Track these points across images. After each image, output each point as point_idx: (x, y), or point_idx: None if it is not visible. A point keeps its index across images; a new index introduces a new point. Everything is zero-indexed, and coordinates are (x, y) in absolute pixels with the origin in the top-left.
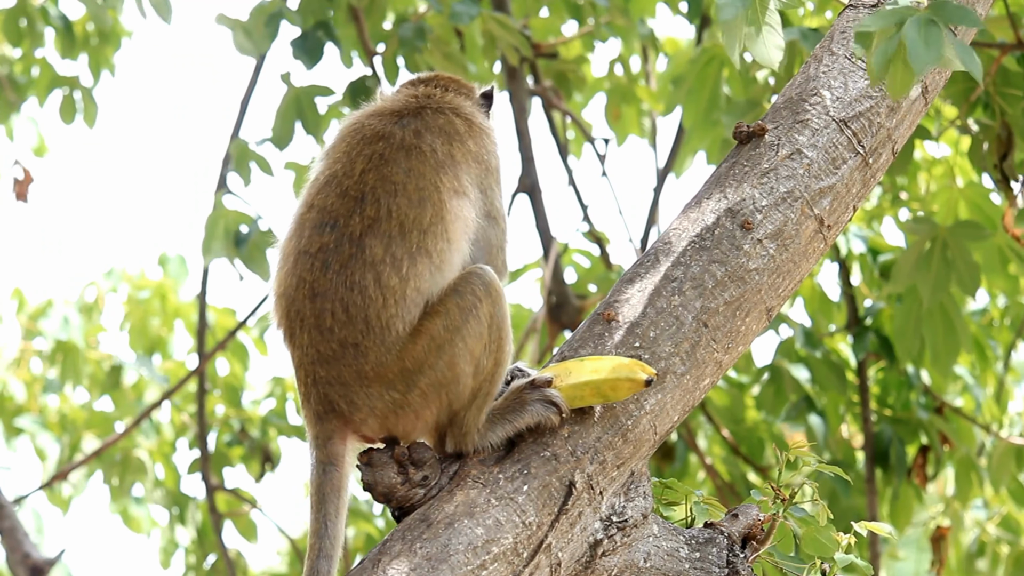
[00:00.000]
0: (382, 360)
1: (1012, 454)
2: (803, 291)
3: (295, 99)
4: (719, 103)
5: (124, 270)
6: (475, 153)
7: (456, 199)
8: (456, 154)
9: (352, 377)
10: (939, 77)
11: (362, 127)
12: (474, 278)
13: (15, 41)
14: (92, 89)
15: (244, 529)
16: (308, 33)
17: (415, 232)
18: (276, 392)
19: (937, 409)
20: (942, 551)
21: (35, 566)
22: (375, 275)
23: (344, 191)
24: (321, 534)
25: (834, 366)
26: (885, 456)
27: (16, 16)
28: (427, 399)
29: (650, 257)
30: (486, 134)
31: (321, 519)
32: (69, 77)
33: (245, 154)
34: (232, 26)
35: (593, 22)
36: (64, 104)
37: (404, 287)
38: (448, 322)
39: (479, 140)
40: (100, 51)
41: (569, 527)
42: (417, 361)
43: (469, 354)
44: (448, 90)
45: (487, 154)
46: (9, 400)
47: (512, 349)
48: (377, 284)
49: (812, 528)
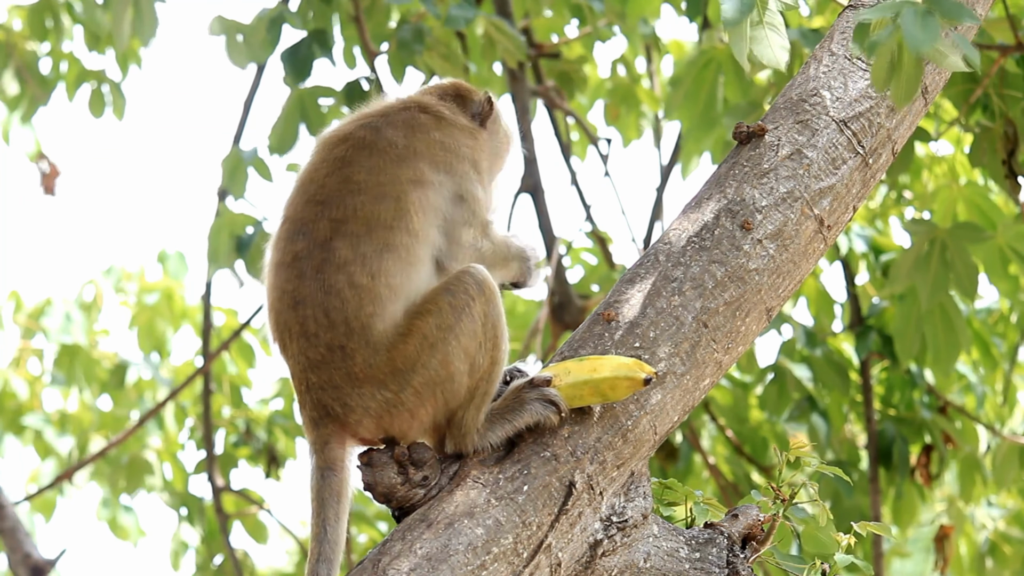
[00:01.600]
0: (370, 360)
1: (1016, 453)
2: (806, 291)
3: (298, 100)
4: (716, 105)
5: (123, 268)
6: (441, 142)
7: (417, 190)
8: (418, 145)
9: (343, 379)
10: (939, 77)
11: (329, 134)
12: (467, 276)
13: (41, 36)
14: (120, 84)
15: (252, 530)
16: (298, 47)
17: (379, 229)
18: (284, 392)
19: (941, 408)
20: (946, 551)
21: (36, 566)
22: (347, 276)
23: (310, 197)
24: (321, 538)
25: (837, 366)
26: (888, 455)
27: (41, 12)
28: (421, 398)
29: (650, 257)
30: (458, 128)
31: (321, 524)
32: (96, 71)
33: (239, 165)
34: (226, 34)
35: (597, 19)
36: (93, 98)
37: (375, 285)
38: (440, 320)
39: (447, 131)
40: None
41: (569, 527)
42: (409, 360)
43: (463, 352)
44: (433, 94)
45: (456, 143)
46: (11, 398)
47: (508, 347)
48: (350, 285)
49: (812, 528)
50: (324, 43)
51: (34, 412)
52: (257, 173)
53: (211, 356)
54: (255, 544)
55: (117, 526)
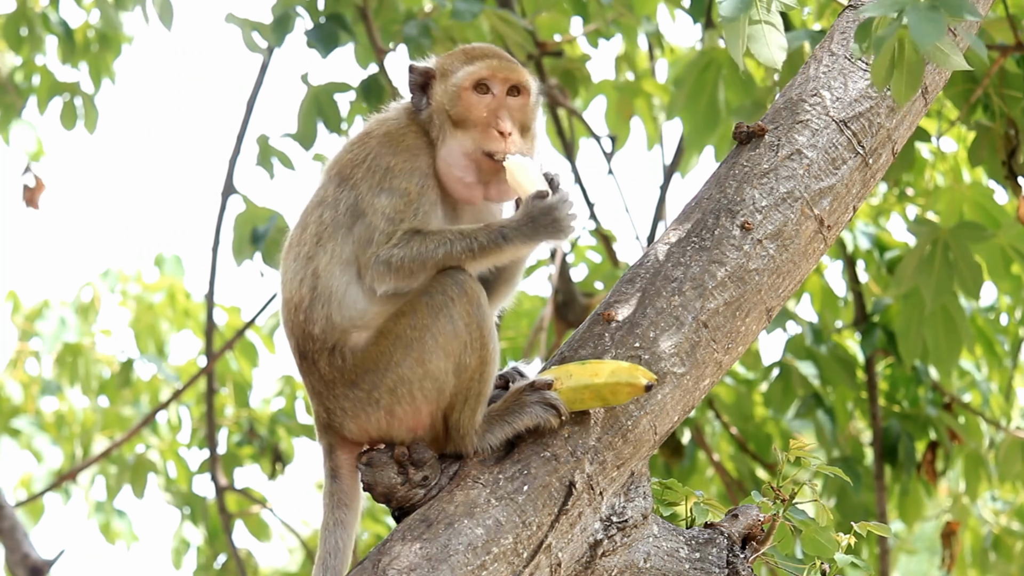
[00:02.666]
0: (335, 363)
1: (1019, 448)
2: (810, 288)
3: (314, 98)
4: (718, 106)
5: (121, 270)
6: (352, 157)
7: (318, 209)
8: (334, 165)
9: (320, 385)
10: (939, 77)
11: None
12: (446, 279)
13: (16, 47)
14: (93, 96)
15: (255, 528)
16: (322, 24)
17: (306, 246)
18: (286, 391)
19: (946, 405)
20: (953, 547)
21: (34, 566)
22: (289, 292)
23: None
24: (324, 544)
25: (843, 362)
26: (894, 452)
27: (17, 21)
28: (397, 396)
29: (650, 257)
30: (373, 137)
31: (330, 527)
32: (70, 83)
33: (267, 149)
34: (242, 24)
35: (606, 12)
36: (65, 110)
37: (311, 296)
38: (415, 321)
39: (364, 143)
40: (100, 58)
41: (569, 527)
42: (379, 360)
43: (442, 351)
44: None
45: (369, 153)
46: (5, 402)
47: (497, 347)
48: (291, 301)
49: (812, 529)
50: (344, 25)
51: (27, 415)
52: (280, 163)
53: (215, 355)
54: (258, 543)
55: (109, 531)
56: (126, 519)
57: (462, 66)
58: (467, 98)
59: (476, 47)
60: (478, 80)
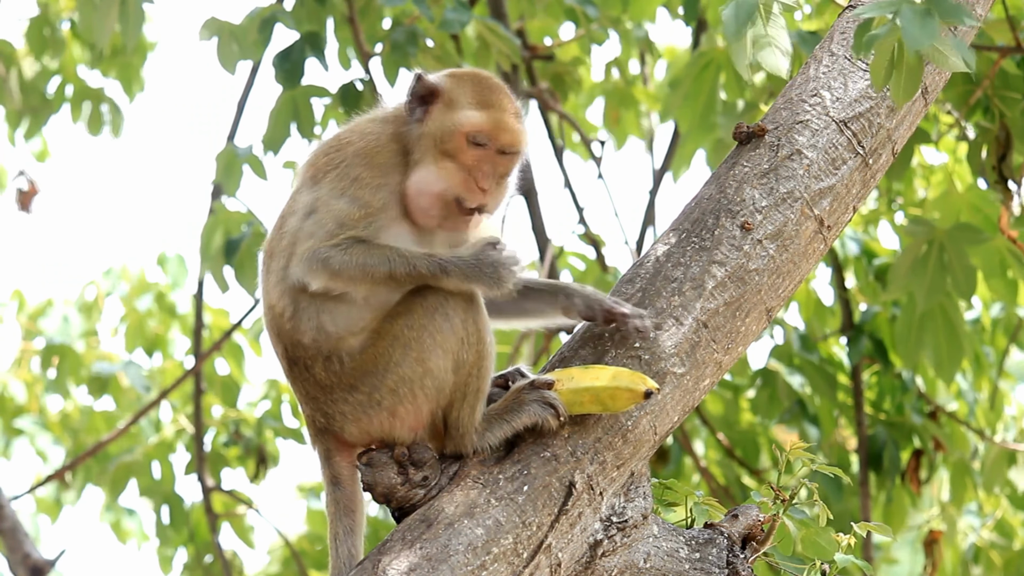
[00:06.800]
0: (333, 369)
1: (1005, 458)
2: (798, 295)
3: (290, 100)
4: (715, 107)
5: (124, 268)
6: (325, 160)
7: (289, 219)
8: (308, 170)
9: (315, 390)
10: (939, 78)
11: None
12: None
13: (38, 53)
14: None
15: (241, 531)
16: (289, 51)
17: (283, 258)
18: (271, 394)
19: (931, 414)
20: (935, 555)
21: (35, 566)
22: (271, 300)
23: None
24: (333, 554)
25: (825, 374)
26: (879, 460)
27: (40, 24)
28: (399, 396)
29: (650, 257)
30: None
31: (340, 536)
32: (96, 89)
33: (234, 162)
34: (219, 35)
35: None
36: (92, 117)
37: (293, 308)
38: (411, 321)
39: (339, 147)
40: (130, 64)
41: (569, 527)
42: (379, 361)
43: (441, 349)
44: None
45: (342, 157)
46: (9, 401)
47: (493, 342)
48: (274, 309)
49: (812, 530)
50: (317, 45)
51: (30, 414)
52: (252, 171)
53: (202, 356)
54: (245, 547)
55: (120, 529)
56: (136, 518)
57: (469, 107)
58: (460, 142)
59: (489, 85)
60: (478, 131)
